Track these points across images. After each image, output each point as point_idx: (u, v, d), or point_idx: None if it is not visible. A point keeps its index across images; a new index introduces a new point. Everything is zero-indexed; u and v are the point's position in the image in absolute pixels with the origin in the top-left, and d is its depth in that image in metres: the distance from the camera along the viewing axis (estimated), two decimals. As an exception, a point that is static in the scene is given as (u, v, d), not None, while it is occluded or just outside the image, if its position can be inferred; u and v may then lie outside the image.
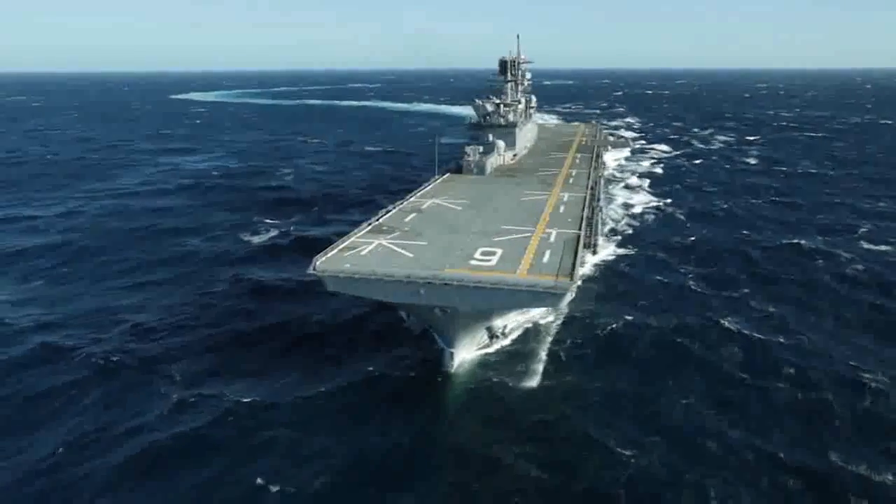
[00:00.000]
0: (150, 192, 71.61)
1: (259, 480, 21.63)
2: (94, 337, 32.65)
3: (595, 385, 27.55)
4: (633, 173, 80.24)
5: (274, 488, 21.28)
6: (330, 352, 30.96)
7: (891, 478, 21.61)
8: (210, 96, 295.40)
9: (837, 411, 25.59)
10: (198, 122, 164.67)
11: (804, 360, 29.66)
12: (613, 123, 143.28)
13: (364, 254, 29.18)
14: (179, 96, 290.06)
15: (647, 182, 74.47)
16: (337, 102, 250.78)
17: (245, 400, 26.44)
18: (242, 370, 29.31)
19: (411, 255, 28.70)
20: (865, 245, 47.94)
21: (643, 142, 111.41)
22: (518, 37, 68.67)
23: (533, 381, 27.72)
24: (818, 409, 25.87)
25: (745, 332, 32.73)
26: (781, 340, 31.69)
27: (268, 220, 57.39)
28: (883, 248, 47.12)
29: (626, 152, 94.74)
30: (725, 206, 62.21)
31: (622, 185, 72.98)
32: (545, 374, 28.27)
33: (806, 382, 27.69)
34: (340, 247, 30.04)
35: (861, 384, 27.48)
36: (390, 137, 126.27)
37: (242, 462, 22.67)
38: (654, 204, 63.30)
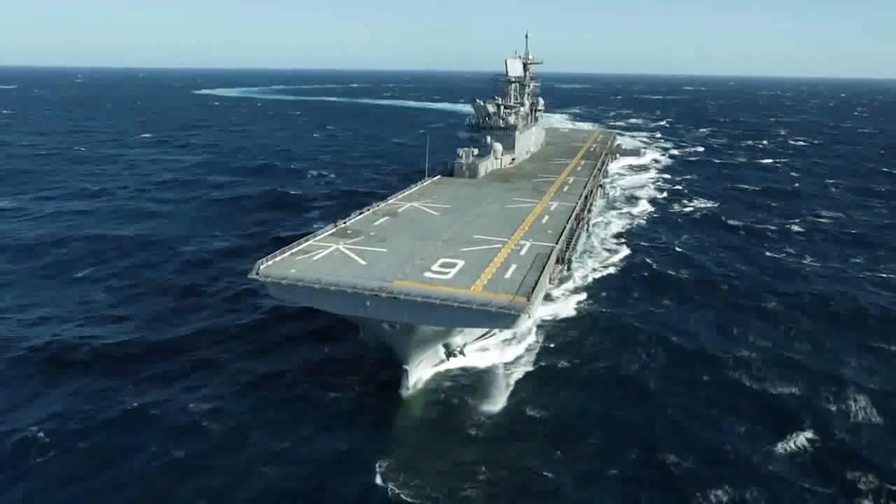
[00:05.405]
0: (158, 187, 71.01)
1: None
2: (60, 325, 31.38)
3: (554, 414, 25.08)
4: (638, 183, 76.41)
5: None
6: (274, 364, 28.77)
7: None
8: (233, 92, 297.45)
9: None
10: (233, 118, 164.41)
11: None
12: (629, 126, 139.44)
13: (316, 259, 27.12)
14: (203, 91, 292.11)
15: (650, 191, 71.12)
16: (358, 100, 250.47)
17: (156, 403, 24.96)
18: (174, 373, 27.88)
19: (364, 263, 26.56)
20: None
21: (658, 150, 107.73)
22: (527, 36, 66.25)
23: (490, 406, 25.31)
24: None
25: (718, 353, 30.30)
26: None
27: (281, 218, 56.16)
28: None
29: (637, 160, 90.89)
30: (730, 215, 58.96)
31: (623, 194, 68.80)
32: (504, 396, 25.88)
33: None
34: (294, 250, 28.05)
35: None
36: (412, 134, 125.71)
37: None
38: (651, 215, 60.03)
